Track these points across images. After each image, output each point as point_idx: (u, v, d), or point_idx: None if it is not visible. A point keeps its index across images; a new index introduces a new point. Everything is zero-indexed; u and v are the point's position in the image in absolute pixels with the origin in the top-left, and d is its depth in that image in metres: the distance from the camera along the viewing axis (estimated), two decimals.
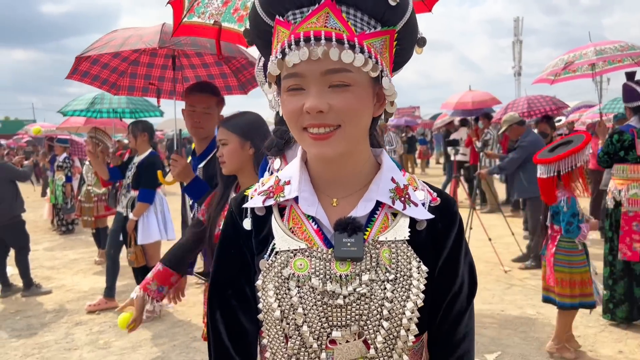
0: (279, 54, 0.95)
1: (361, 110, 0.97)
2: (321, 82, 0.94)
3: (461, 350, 1.07)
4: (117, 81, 3.92)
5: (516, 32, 44.21)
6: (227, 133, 2.18)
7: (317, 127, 0.94)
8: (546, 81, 6.16)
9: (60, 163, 9.03)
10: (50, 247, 8.46)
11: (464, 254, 1.08)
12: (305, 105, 0.94)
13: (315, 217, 1.02)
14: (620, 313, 4.35)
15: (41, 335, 4.66)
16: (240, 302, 1.08)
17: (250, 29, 1.06)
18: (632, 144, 4.26)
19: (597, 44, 5.55)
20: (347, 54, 0.91)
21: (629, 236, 4.26)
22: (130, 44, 3.17)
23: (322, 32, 0.92)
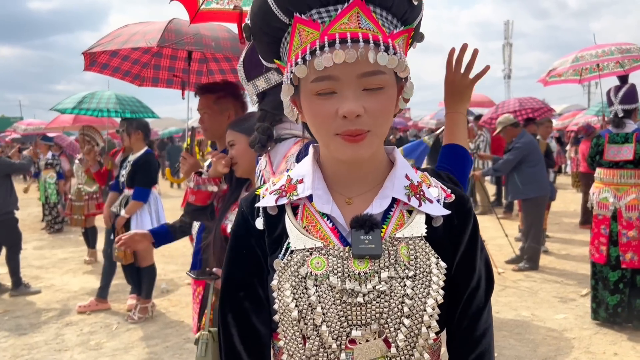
0: (307, 55, 0.91)
1: (391, 111, 0.97)
2: (356, 85, 0.91)
3: (482, 347, 1.05)
4: (141, 72, 3.86)
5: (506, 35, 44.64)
6: (234, 134, 2.16)
7: (352, 134, 0.92)
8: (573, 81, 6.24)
9: (50, 161, 8.92)
10: (39, 246, 8.35)
11: (480, 249, 1.07)
12: (341, 110, 0.90)
13: (330, 215, 1.00)
14: (603, 313, 4.40)
15: (30, 335, 4.58)
16: (253, 304, 1.06)
17: (256, 24, 1.00)
18: (604, 149, 4.35)
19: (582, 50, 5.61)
20: (383, 56, 0.89)
21: (597, 239, 4.40)
22: (133, 41, 3.13)
23: (359, 34, 0.89)
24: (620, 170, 4.29)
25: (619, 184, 4.29)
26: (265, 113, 1.81)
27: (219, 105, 2.63)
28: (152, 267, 5.00)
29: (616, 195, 4.28)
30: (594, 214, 4.42)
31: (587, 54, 5.44)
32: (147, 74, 3.90)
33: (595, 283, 4.44)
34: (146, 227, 4.83)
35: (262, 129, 1.80)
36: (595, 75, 6.22)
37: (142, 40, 3.07)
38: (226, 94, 2.65)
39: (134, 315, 4.86)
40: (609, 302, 4.31)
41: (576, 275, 5.98)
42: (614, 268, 4.27)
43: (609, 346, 4.05)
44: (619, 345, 4.05)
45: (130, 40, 3.15)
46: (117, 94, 7.01)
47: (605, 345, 4.07)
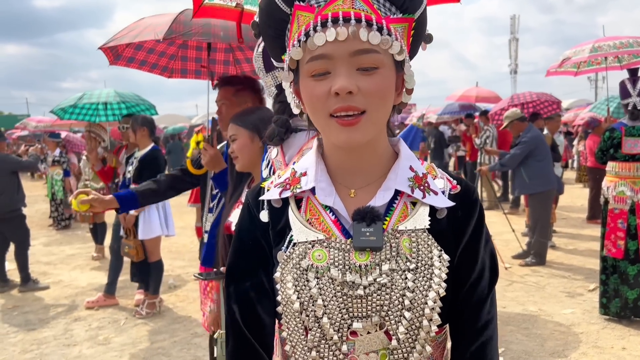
0: (302, 36, 0.93)
1: (387, 94, 0.96)
2: (350, 63, 0.92)
3: (483, 338, 1.04)
4: (169, 65, 3.86)
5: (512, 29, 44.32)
6: (236, 128, 2.17)
7: (345, 111, 0.92)
8: (569, 73, 6.18)
9: (57, 158, 8.97)
10: (47, 243, 8.41)
11: (485, 241, 1.06)
12: (333, 87, 0.91)
13: (333, 207, 1.01)
14: (613, 308, 4.37)
15: (39, 331, 4.62)
16: (258, 295, 1.06)
17: (262, 18, 1.03)
18: (621, 142, 4.30)
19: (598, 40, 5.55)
20: (375, 34, 0.90)
21: (614, 233, 4.32)
22: (144, 34, 3.14)
23: (351, 13, 0.90)
24: (636, 163, 4.25)
25: (635, 177, 4.25)
26: (284, 105, 1.80)
27: (237, 98, 2.63)
28: (159, 263, 5.03)
29: (633, 188, 4.23)
30: (610, 208, 4.33)
31: (605, 44, 5.39)
32: (176, 66, 3.90)
33: (606, 278, 4.39)
34: (153, 223, 4.85)
35: (280, 122, 1.79)
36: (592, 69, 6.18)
37: (152, 33, 3.08)
38: (245, 87, 2.66)
39: (142, 311, 4.88)
40: (628, 297, 4.27)
41: (583, 270, 5.95)
42: (633, 262, 4.23)
43: (617, 341, 4.04)
44: (627, 340, 4.04)
45: (141, 33, 3.16)
46: (117, 90, 7.04)
47: (614, 340, 4.05)
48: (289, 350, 1.00)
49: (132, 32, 3.27)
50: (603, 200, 4.45)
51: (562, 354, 3.83)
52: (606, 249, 4.36)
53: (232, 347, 1.09)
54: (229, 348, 1.10)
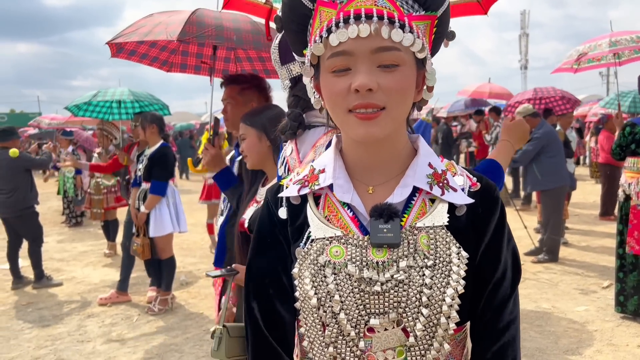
0: (324, 32, 0.93)
1: (407, 91, 0.95)
2: (370, 60, 0.92)
3: (505, 338, 1.03)
4: (169, 59, 3.85)
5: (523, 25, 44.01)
6: (245, 127, 2.19)
7: (365, 107, 0.92)
8: (569, 70, 6.10)
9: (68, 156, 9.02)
10: (60, 240, 8.48)
11: (507, 240, 1.05)
12: (353, 84, 0.91)
13: (351, 204, 1.01)
14: (631, 306, 4.31)
15: (54, 327, 4.65)
16: (277, 291, 1.07)
17: (285, 12, 1.04)
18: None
19: (614, 34, 5.47)
20: (397, 32, 0.90)
21: (638, 230, 4.25)
22: (155, 33, 3.12)
23: (373, 10, 0.90)
24: None
25: None
26: (298, 99, 1.80)
27: (242, 97, 2.64)
28: (171, 259, 5.05)
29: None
30: (633, 204, 4.24)
31: (623, 38, 5.32)
32: (176, 60, 3.89)
33: (624, 276, 4.33)
34: (165, 220, 4.87)
35: (293, 116, 1.78)
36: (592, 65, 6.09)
37: (164, 32, 3.06)
38: (251, 86, 2.66)
39: (154, 307, 4.91)
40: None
41: (597, 267, 5.90)
42: None
43: (632, 338, 4.00)
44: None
45: (152, 31, 3.14)
46: (131, 89, 7.08)
47: (629, 338, 4.01)
48: (307, 346, 1.01)
49: (142, 30, 3.26)
50: (622, 197, 4.36)
51: (577, 352, 3.80)
52: (629, 246, 4.26)
53: (252, 344, 1.10)
54: (249, 345, 1.11)
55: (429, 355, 0.95)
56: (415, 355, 0.95)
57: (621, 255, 4.37)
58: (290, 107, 1.84)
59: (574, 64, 5.99)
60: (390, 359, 0.95)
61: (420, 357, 0.95)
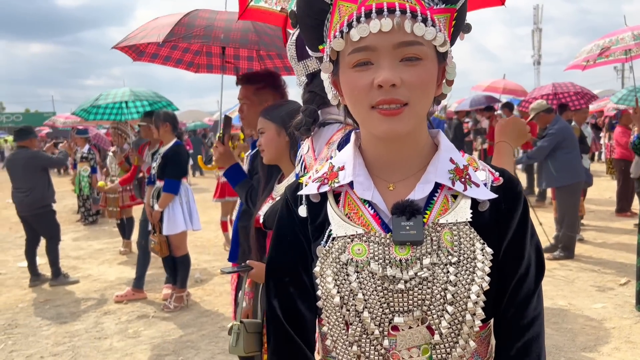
0: (345, 27, 0.92)
1: (430, 86, 0.95)
2: (393, 55, 0.91)
3: (530, 335, 1.02)
4: (194, 60, 3.90)
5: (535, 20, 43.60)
6: (264, 122, 2.19)
7: (388, 103, 0.91)
8: (578, 67, 6.03)
9: (85, 154, 9.12)
10: (76, 238, 8.57)
11: (530, 235, 1.04)
12: (377, 80, 0.90)
13: (372, 201, 1.00)
14: None
15: (71, 324, 4.71)
16: (298, 290, 1.07)
17: (300, 8, 1.02)
18: None
19: (634, 27, 5.39)
20: (420, 26, 0.89)
21: None
22: (149, 36, 3.21)
23: (396, 4, 0.89)
24: None
25: None
26: (313, 95, 1.80)
27: (258, 97, 2.65)
28: (186, 257, 5.08)
29: None
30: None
31: None
32: (201, 61, 3.93)
33: None
34: (178, 218, 4.90)
35: (308, 112, 1.78)
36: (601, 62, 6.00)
37: (156, 35, 3.13)
38: (265, 85, 2.66)
39: (170, 305, 4.94)
40: None
41: (614, 264, 5.84)
42: None
43: None
44: None
45: (148, 35, 3.22)
46: (132, 88, 7.12)
47: None
48: (330, 345, 1.00)
49: (142, 33, 3.35)
50: None
51: (594, 349, 3.77)
52: None
53: (275, 343, 1.09)
54: (270, 344, 1.10)
55: (454, 352, 0.94)
56: (441, 353, 0.94)
57: None
58: (306, 103, 1.84)
59: (597, 59, 5.89)
60: (415, 357, 0.94)
61: (445, 355, 0.94)
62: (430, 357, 0.94)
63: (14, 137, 6.21)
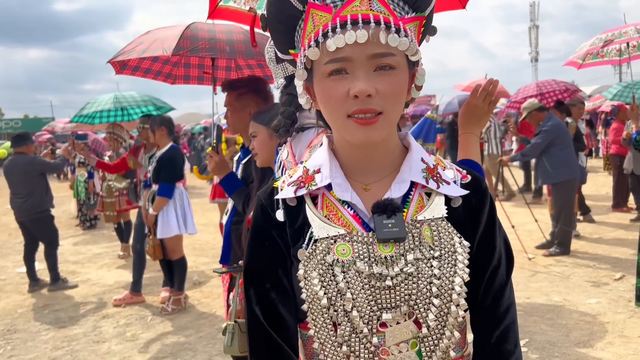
0: (320, 37, 0.94)
1: (402, 94, 0.98)
2: (368, 65, 0.93)
3: (506, 322, 1.07)
4: (172, 72, 3.95)
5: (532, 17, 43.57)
6: (256, 125, 2.23)
7: (364, 113, 0.94)
8: (574, 65, 6.06)
9: (82, 160, 9.13)
10: (74, 242, 8.59)
11: (498, 227, 1.09)
12: (352, 90, 0.93)
13: (351, 202, 1.02)
14: None
15: (70, 328, 4.74)
16: (280, 295, 1.06)
17: (271, 13, 1.03)
18: None
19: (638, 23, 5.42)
20: (394, 37, 0.92)
21: None
22: (152, 49, 3.22)
23: (370, 15, 0.92)
24: None
25: None
26: (291, 98, 1.82)
27: (240, 102, 2.69)
28: (182, 260, 5.11)
29: None
30: None
31: None
32: (179, 72, 3.98)
33: None
34: (171, 222, 4.92)
35: (287, 114, 1.80)
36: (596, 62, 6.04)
37: (160, 48, 3.16)
38: (247, 91, 2.70)
39: (168, 307, 4.97)
40: None
41: (609, 259, 5.86)
42: None
43: None
44: None
45: (149, 48, 3.24)
46: (116, 94, 7.14)
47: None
48: (318, 348, 1.00)
49: (140, 47, 3.35)
50: None
51: (588, 344, 3.80)
52: None
53: (260, 351, 1.08)
54: (256, 353, 1.09)
55: (441, 344, 0.97)
56: (429, 346, 0.97)
57: None
58: (284, 105, 1.86)
59: (600, 51, 5.89)
60: (404, 352, 0.97)
61: (433, 347, 0.97)
62: (418, 350, 0.97)
63: (11, 144, 6.23)
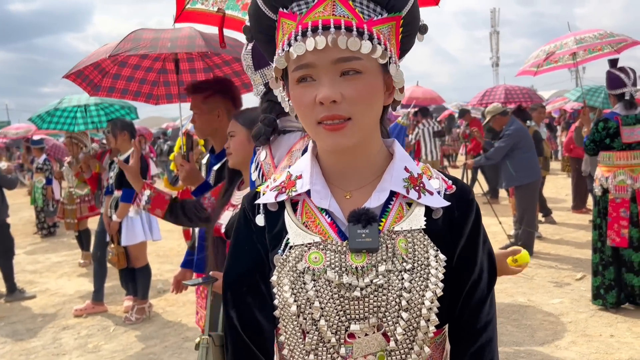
0: (285, 46, 0.93)
1: (372, 99, 0.95)
2: (332, 71, 0.92)
3: (483, 339, 1.04)
4: (152, 91, 3.88)
5: (493, 23, 44.71)
6: (236, 125, 2.16)
7: (331, 119, 0.92)
8: (529, 73, 6.22)
9: (40, 165, 8.85)
10: (32, 251, 8.30)
11: (482, 241, 1.06)
12: (318, 96, 0.91)
13: (329, 210, 1.01)
14: (611, 298, 4.39)
15: (28, 341, 4.55)
16: (256, 299, 1.06)
17: (251, 24, 1.04)
18: (617, 132, 4.32)
19: (577, 33, 5.61)
20: (354, 41, 0.90)
21: (617, 222, 4.32)
22: (97, 54, 3.24)
23: (330, 21, 0.90)
24: (632, 151, 4.30)
25: (633, 165, 4.29)
26: (272, 104, 1.80)
27: (207, 105, 2.62)
28: (146, 268, 4.98)
29: (632, 176, 4.28)
30: (611, 198, 4.33)
31: (587, 36, 5.44)
32: (160, 92, 3.91)
33: (604, 269, 4.40)
34: (137, 229, 4.80)
35: (267, 121, 1.77)
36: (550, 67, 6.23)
37: (104, 52, 3.13)
38: (214, 92, 2.64)
39: (131, 317, 4.84)
40: (635, 284, 4.30)
41: (571, 260, 6.02)
42: (637, 249, 4.27)
43: (605, 328, 4.09)
44: (615, 327, 4.09)
45: (95, 53, 3.22)
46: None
47: (602, 328, 4.10)
48: (287, 355, 1.00)
49: (93, 56, 3.36)
50: (600, 191, 4.44)
51: (552, 344, 3.87)
52: (609, 239, 4.33)
53: (232, 354, 1.09)
54: (228, 355, 1.09)
55: (409, 358, 0.95)
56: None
57: (600, 249, 4.44)
58: (265, 112, 1.83)
59: (543, 64, 6.10)
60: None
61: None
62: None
63: None
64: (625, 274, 4.35)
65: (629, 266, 4.32)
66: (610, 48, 5.72)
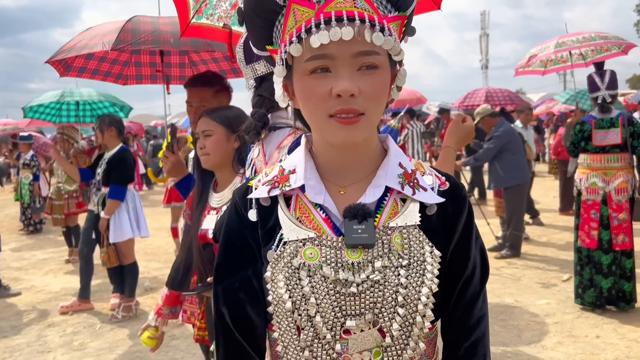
0: (303, 33, 0.90)
1: (384, 95, 0.96)
2: (351, 64, 0.91)
3: (476, 335, 1.04)
4: (122, 72, 3.81)
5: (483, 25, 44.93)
6: (212, 124, 2.07)
7: (347, 113, 0.91)
8: (537, 72, 6.29)
9: (27, 161, 8.75)
10: (18, 248, 8.19)
11: (475, 237, 1.06)
12: (335, 89, 0.90)
13: (323, 205, 1.00)
14: (588, 298, 4.46)
15: (12, 338, 4.49)
16: (248, 295, 1.04)
17: (249, 7, 1.00)
18: (591, 135, 4.39)
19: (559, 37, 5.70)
20: (379, 36, 0.89)
21: (587, 224, 4.41)
22: (91, 45, 3.12)
23: (355, 13, 0.89)
24: (606, 154, 4.36)
25: (606, 168, 4.36)
26: (262, 99, 1.77)
27: (217, 99, 2.53)
28: (134, 265, 4.95)
29: (604, 179, 4.34)
30: (583, 199, 4.43)
31: (569, 40, 5.52)
32: (130, 72, 3.85)
33: (581, 269, 4.47)
34: (124, 226, 4.76)
35: (258, 116, 1.74)
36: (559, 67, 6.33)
37: (100, 43, 3.05)
38: (222, 88, 2.58)
39: (118, 314, 4.80)
40: (603, 286, 4.36)
41: (557, 261, 6.07)
42: (607, 251, 4.33)
43: (591, 329, 4.13)
44: (601, 328, 4.13)
45: (88, 44, 3.13)
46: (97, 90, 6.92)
47: (588, 329, 4.14)
48: (281, 351, 0.99)
49: (79, 44, 3.24)
50: (576, 192, 4.54)
51: (539, 344, 3.90)
52: (580, 239, 4.44)
53: (223, 351, 1.07)
54: (219, 352, 1.07)
55: (405, 354, 0.95)
56: (392, 356, 0.95)
57: (578, 249, 4.52)
58: (255, 107, 1.81)
59: (525, 67, 6.21)
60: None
61: (396, 357, 0.95)
62: (381, 359, 0.95)
63: None
64: (595, 275, 4.41)
65: (598, 268, 4.38)
66: (617, 49, 5.83)
